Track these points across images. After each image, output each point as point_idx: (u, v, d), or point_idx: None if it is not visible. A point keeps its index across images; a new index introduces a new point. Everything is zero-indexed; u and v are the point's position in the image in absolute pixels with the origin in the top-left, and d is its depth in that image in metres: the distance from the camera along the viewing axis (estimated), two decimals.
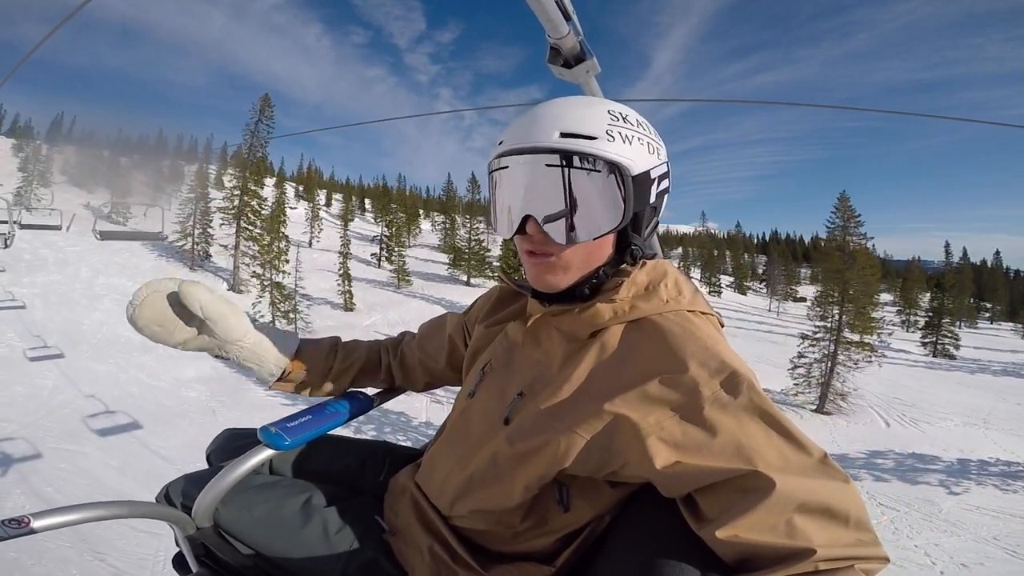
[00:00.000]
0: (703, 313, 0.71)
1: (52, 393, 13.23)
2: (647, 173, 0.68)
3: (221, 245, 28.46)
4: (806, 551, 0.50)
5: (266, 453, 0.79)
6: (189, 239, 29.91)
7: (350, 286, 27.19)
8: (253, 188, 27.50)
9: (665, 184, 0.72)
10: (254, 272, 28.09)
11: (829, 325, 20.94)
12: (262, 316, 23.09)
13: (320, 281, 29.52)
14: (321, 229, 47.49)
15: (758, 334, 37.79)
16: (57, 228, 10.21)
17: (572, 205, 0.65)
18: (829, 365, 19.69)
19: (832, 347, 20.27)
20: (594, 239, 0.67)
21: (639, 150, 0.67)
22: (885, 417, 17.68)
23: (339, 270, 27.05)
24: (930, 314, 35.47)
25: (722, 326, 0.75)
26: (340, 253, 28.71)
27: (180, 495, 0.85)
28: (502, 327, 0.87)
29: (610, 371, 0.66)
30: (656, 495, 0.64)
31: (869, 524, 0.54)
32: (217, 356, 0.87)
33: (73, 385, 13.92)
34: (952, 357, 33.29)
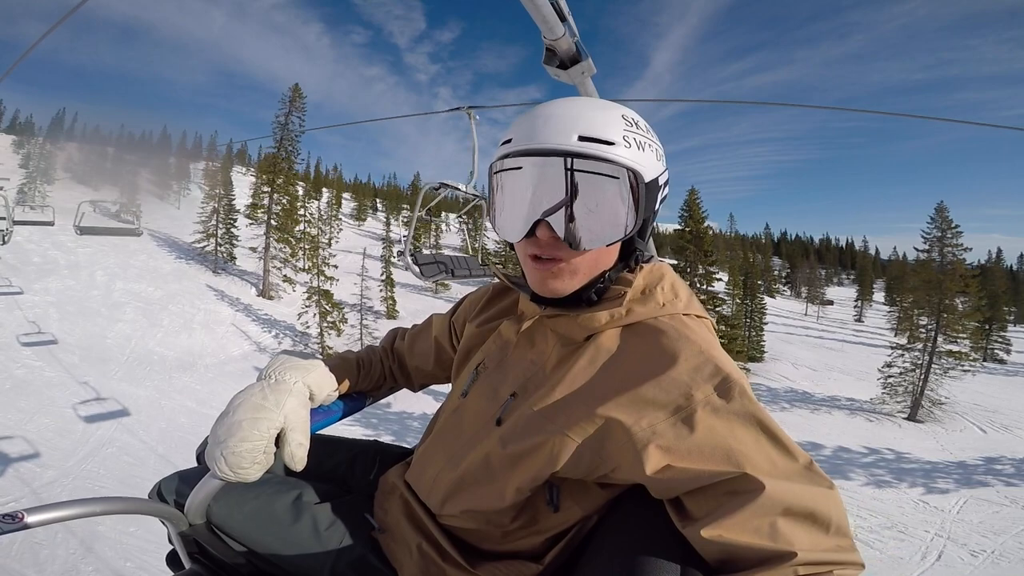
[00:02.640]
0: (698, 316, 0.71)
1: (88, 427, 10.99)
2: (656, 180, 0.68)
3: (251, 248, 26.05)
4: (787, 554, 0.51)
5: None
6: (212, 240, 27.50)
7: (392, 291, 24.83)
8: (283, 184, 25.18)
9: (667, 191, 0.73)
10: (285, 276, 25.85)
11: (924, 335, 20.88)
12: (307, 327, 20.87)
13: (352, 285, 27.25)
14: (340, 229, 45.13)
15: (810, 340, 36.09)
16: (136, 233, 8.01)
17: (589, 210, 0.63)
18: (923, 374, 19.77)
19: (926, 357, 20.23)
20: (608, 245, 0.66)
21: (650, 156, 0.67)
22: (978, 424, 17.60)
23: (381, 275, 24.65)
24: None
25: (717, 330, 0.74)
26: (382, 258, 26.27)
27: (173, 492, 0.84)
28: (495, 325, 0.85)
29: (604, 374, 0.66)
30: (642, 494, 0.65)
31: (848, 530, 0.55)
32: None
33: (111, 416, 11.66)
34: (1003, 361, 32.96)
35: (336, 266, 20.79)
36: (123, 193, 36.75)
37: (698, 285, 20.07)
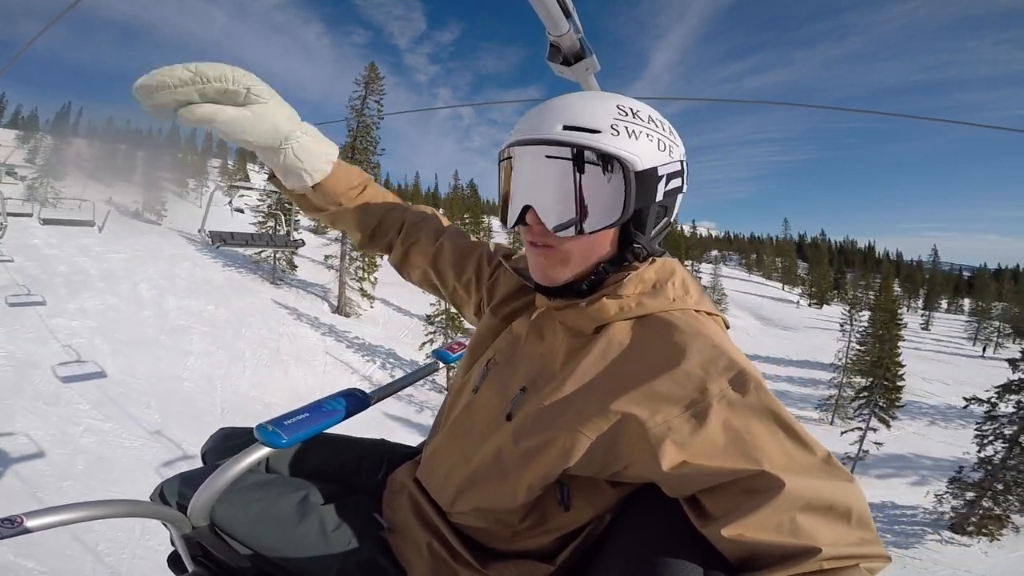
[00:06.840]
0: (709, 313, 0.71)
1: None
2: (653, 170, 0.66)
3: (324, 256, 21.98)
4: (811, 550, 0.51)
5: (263, 451, 0.77)
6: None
7: None
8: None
9: (677, 183, 0.70)
10: (362, 291, 21.89)
11: None
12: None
13: (408, 295, 23.21)
14: None
15: (906, 351, 33.23)
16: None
17: (567, 197, 0.64)
18: None
19: None
20: (589, 233, 0.66)
21: (646, 146, 0.66)
22: None
23: None
24: None
25: (727, 327, 0.73)
26: None
27: (175, 494, 0.84)
28: (509, 323, 0.85)
29: (615, 368, 0.65)
30: (657, 493, 0.64)
31: (871, 523, 0.54)
32: (272, 163, 0.81)
33: None
34: None
35: None
36: (141, 189, 32.52)
37: None
